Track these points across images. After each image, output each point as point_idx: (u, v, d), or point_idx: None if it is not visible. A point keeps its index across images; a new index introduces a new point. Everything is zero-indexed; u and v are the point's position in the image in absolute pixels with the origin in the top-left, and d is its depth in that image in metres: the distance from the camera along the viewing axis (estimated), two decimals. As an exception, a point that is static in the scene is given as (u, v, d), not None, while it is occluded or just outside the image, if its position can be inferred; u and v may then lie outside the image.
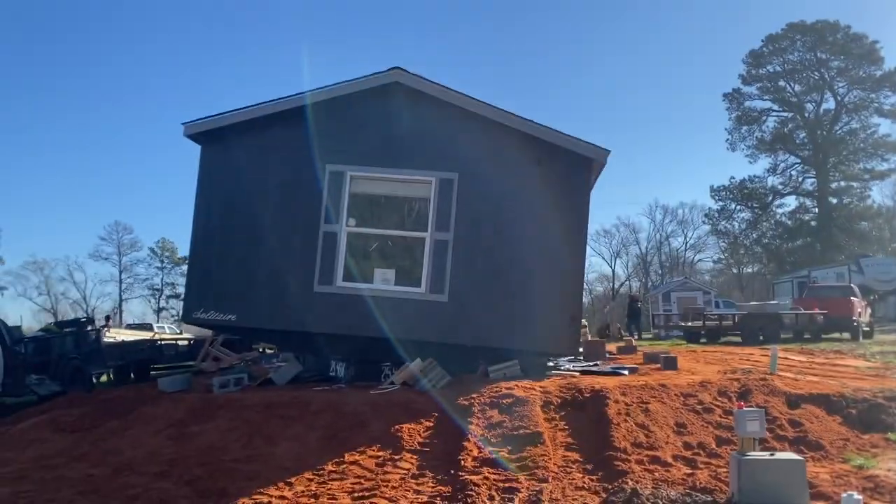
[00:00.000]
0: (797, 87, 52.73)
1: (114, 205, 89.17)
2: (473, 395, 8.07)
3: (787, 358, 12.49)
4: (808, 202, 53.92)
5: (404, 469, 6.53)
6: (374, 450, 6.95)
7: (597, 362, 11.69)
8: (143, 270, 67.15)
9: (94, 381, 13.59)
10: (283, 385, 10.05)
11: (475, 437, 7.05)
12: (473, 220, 10.01)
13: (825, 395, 8.24)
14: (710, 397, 8.04)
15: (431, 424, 7.49)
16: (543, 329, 9.85)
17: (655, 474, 6.16)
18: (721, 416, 7.52)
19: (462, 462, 6.49)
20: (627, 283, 64.47)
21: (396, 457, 6.78)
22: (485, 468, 6.38)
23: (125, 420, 8.43)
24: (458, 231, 9.97)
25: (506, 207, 10.03)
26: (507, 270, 9.94)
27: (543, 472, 6.25)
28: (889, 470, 6.21)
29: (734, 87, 54.00)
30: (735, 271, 63.63)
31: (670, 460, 6.53)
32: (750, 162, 55.47)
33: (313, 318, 9.84)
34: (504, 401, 7.83)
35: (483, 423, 7.38)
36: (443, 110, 10.09)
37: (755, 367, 10.71)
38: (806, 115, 52.98)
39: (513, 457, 6.61)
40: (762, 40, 52.33)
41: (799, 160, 53.39)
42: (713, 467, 6.36)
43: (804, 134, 53.06)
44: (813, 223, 52.28)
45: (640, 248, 65.64)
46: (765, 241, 54.56)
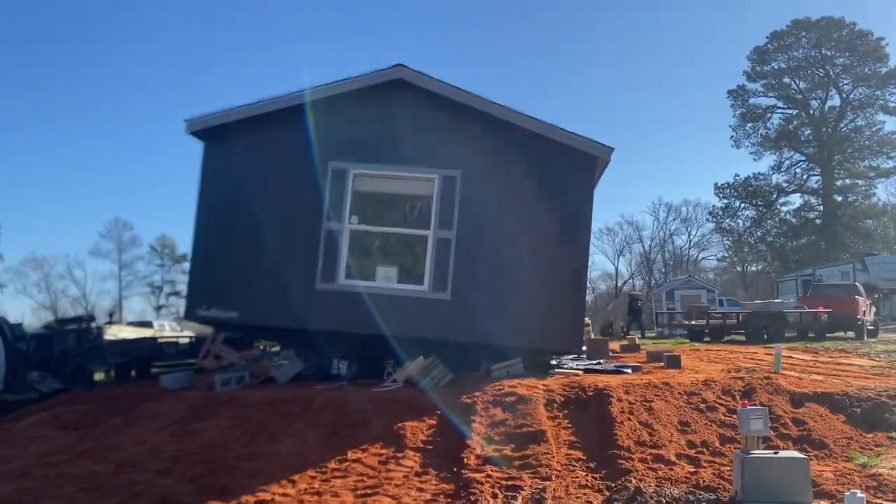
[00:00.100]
0: (802, 84, 52.60)
1: (114, 202, 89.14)
2: (476, 394, 8.04)
3: (791, 357, 12.45)
4: (813, 200, 53.81)
5: (407, 467, 6.51)
6: (377, 447, 6.93)
7: (600, 361, 11.66)
8: (142, 268, 67.15)
9: (94, 378, 13.61)
10: (284, 383, 10.03)
11: (478, 435, 7.03)
12: (476, 217, 9.98)
13: (829, 394, 8.21)
14: (713, 396, 8.01)
15: (434, 422, 7.46)
16: (546, 327, 9.81)
17: (659, 473, 6.14)
18: (725, 414, 7.49)
19: (465, 460, 6.47)
20: (631, 281, 64.40)
21: (399, 454, 6.75)
22: (488, 466, 6.36)
23: (127, 417, 8.42)
24: (460, 229, 9.95)
25: (509, 205, 10.00)
26: (510, 268, 9.92)
27: (546, 471, 6.23)
28: (893, 468, 6.18)
29: (739, 84, 53.98)
30: (739, 269, 63.52)
31: (674, 459, 6.51)
32: (754, 159, 55.38)
33: (315, 316, 9.82)
34: (507, 399, 7.81)
35: (486, 421, 7.35)
36: (446, 107, 10.06)
37: (759, 365, 10.67)
38: (811, 112, 52.86)
39: (516, 455, 6.59)
40: (767, 37, 52.27)
41: (804, 157, 53.26)
42: (717, 466, 6.33)
43: (809, 131, 52.94)
44: (818, 221, 52.18)
45: (643, 246, 65.48)
46: (769, 239, 54.45)
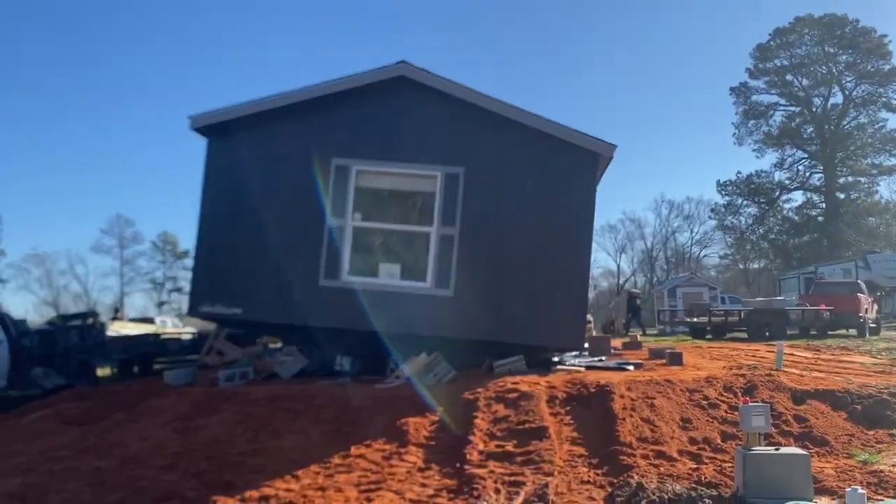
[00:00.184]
0: (805, 82, 52.53)
1: (115, 198, 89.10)
2: (479, 390, 8.06)
3: (792, 354, 12.47)
4: (816, 197, 53.77)
5: (410, 462, 6.54)
6: (380, 443, 6.95)
7: (602, 357, 11.68)
8: (144, 264, 67.07)
9: (97, 374, 13.64)
10: (288, 379, 10.06)
11: (481, 431, 7.06)
12: (479, 214, 10.00)
13: (831, 391, 8.25)
14: (715, 393, 8.04)
15: (437, 418, 7.48)
16: (548, 324, 9.84)
17: (661, 469, 6.18)
18: (726, 411, 7.52)
19: (468, 456, 6.49)
20: (633, 278, 64.39)
21: (402, 450, 6.78)
22: (490, 462, 6.39)
23: (131, 413, 8.44)
24: (463, 226, 9.97)
25: (511, 202, 10.02)
26: (513, 265, 9.94)
27: (549, 466, 6.25)
28: (894, 465, 6.22)
29: (741, 81, 53.92)
30: (741, 267, 63.45)
31: (675, 455, 6.54)
32: (757, 157, 55.40)
33: (318, 312, 9.85)
34: (509, 395, 7.83)
35: (488, 417, 7.38)
36: (449, 105, 10.08)
37: (761, 363, 10.69)
38: (813, 109, 52.78)
39: (518, 451, 6.61)
40: (769, 34, 52.19)
41: (806, 155, 53.20)
42: (718, 462, 6.36)
43: (811, 128, 52.88)
44: (820, 219, 52.14)
45: (645, 244, 65.42)
46: (771, 236, 54.43)
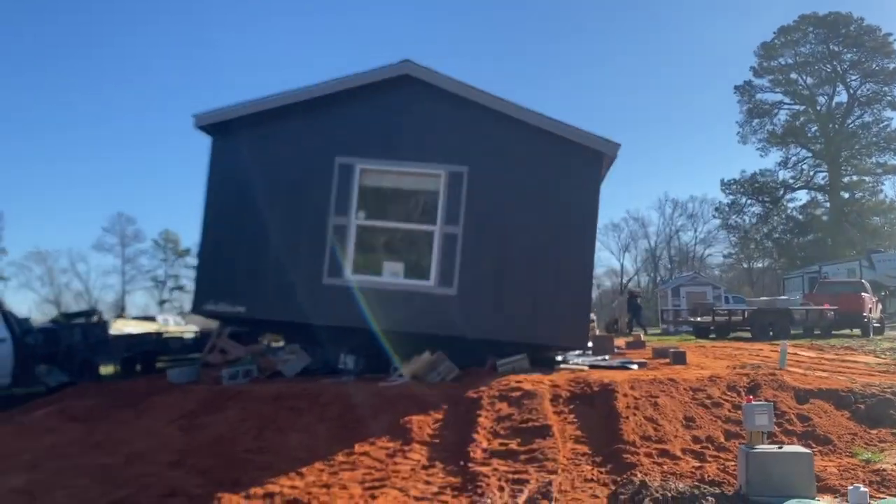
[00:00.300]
0: (809, 80, 52.47)
1: (116, 197, 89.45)
2: (482, 388, 8.08)
3: (796, 354, 12.48)
4: (820, 196, 53.75)
5: (414, 460, 6.55)
6: (384, 441, 6.97)
7: (605, 357, 11.70)
8: (146, 262, 67.34)
9: (100, 372, 13.69)
10: (291, 377, 10.10)
11: (484, 429, 7.08)
12: (482, 213, 10.02)
13: (834, 391, 8.24)
14: (718, 392, 8.05)
15: (441, 416, 7.51)
16: (552, 323, 9.86)
17: (664, 467, 6.18)
18: (730, 410, 7.52)
19: (471, 454, 6.51)
20: (636, 277, 64.39)
21: (406, 448, 6.80)
22: (494, 460, 6.41)
23: (136, 410, 8.48)
24: (467, 224, 9.99)
25: (515, 201, 10.04)
26: (516, 264, 9.97)
27: (553, 465, 6.26)
28: (897, 464, 6.21)
29: (745, 79, 53.87)
30: (745, 266, 63.43)
31: (679, 453, 6.54)
32: (761, 155, 55.39)
33: (322, 311, 9.89)
34: (513, 394, 7.85)
35: (492, 415, 7.40)
36: (453, 103, 10.09)
37: (764, 362, 10.70)
38: (818, 108, 52.72)
39: (522, 449, 6.62)
40: (774, 32, 52.20)
41: (811, 154, 53.14)
42: (721, 461, 6.37)
43: (816, 127, 52.81)
44: (824, 218, 52.08)
45: (649, 243, 65.44)
46: (775, 235, 54.38)
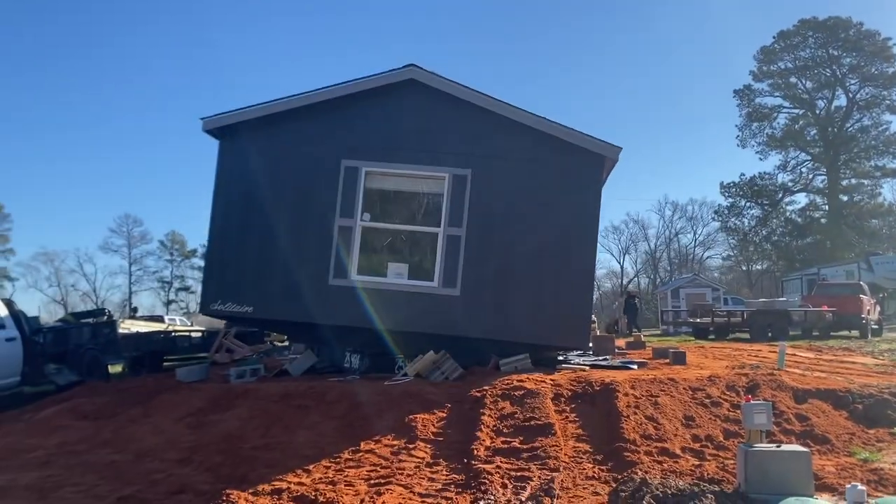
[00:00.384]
0: (808, 84, 52.60)
1: (124, 197, 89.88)
2: (485, 387, 8.20)
3: (795, 354, 12.61)
4: (819, 199, 53.85)
5: (419, 457, 6.66)
6: (389, 439, 7.09)
7: (606, 357, 11.82)
8: (152, 263, 67.83)
9: (109, 371, 13.79)
10: (298, 376, 10.23)
11: (487, 427, 7.20)
12: (486, 215, 10.15)
13: (832, 391, 8.34)
14: (718, 391, 8.15)
15: (444, 415, 7.63)
16: (554, 324, 9.98)
17: (664, 465, 6.29)
18: (729, 409, 7.63)
19: (475, 451, 6.62)
20: (636, 279, 64.50)
21: (411, 446, 6.91)
22: (497, 457, 6.52)
23: (145, 408, 8.60)
24: (470, 226, 10.12)
25: (518, 203, 10.17)
26: (519, 265, 10.09)
27: (555, 462, 6.37)
28: (893, 463, 6.32)
29: (745, 83, 53.99)
30: (744, 268, 63.59)
31: (679, 452, 6.65)
32: (760, 159, 55.47)
33: (328, 311, 10.02)
34: (515, 393, 7.97)
35: (495, 414, 7.52)
36: (456, 107, 10.23)
37: (763, 363, 10.81)
38: (817, 111, 52.83)
39: (525, 447, 6.74)
40: (774, 37, 52.28)
41: (810, 157, 53.26)
42: (721, 459, 6.47)
43: (815, 131, 52.92)
44: (823, 220, 52.19)
45: (649, 245, 65.70)
46: (774, 238, 54.48)
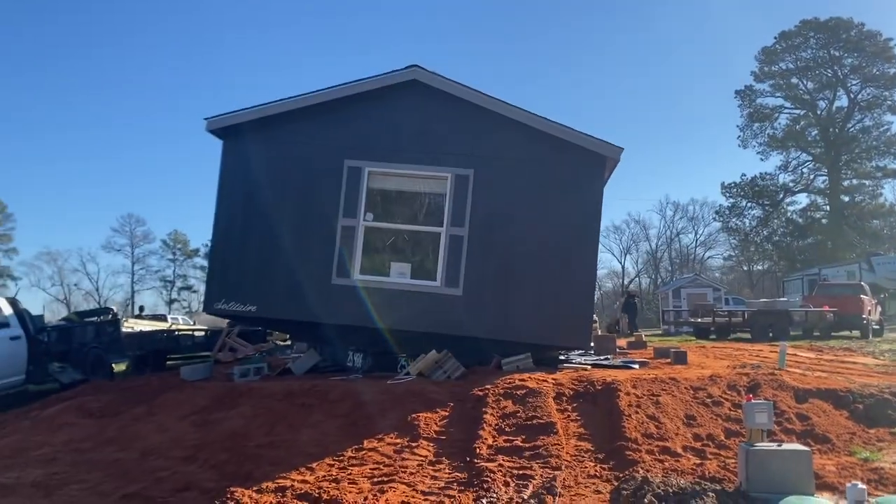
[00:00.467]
0: (810, 85, 52.60)
1: (127, 197, 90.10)
2: (487, 386, 8.23)
3: (796, 355, 12.65)
4: (820, 200, 53.88)
5: (421, 456, 6.69)
6: (392, 437, 7.12)
7: (608, 356, 11.86)
8: (155, 262, 68.05)
9: (113, 370, 13.85)
10: (301, 375, 10.28)
11: (490, 426, 7.23)
12: (488, 215, 10.20)
13: (833, 391, 8.37)
14: (719, 391, 8.19)
15: (447, 414, 7.67)
16: (555, 323, 10.03)
17: (665, 464, 6.31)
18: (730, 409, 7.67)
19: (477, 450, 6.65)
20: (637, 279, 64.53)
21: (414, 444, 6.94)
22: (499, 456, 6.55)
23: (150, 407, 8.64)
24: (472, 226, 10.18)
25: (520, 203, 10.22)
26: (521, 265, 10.14)
27: (556, 461, 6.40)
28: (894, 463, 6.35)
29: (746, 83, 54.00)
30: (745, 268, 63.63)
31: (680, 451, 6.68)
32: (761, 159, 55.50)
33: (331, 310, 10.08)
34: (517, 392, 8.01)
35: (497, 412, 7.56)
36: (459, 107, 10.28)
37: (764, 362, 10.84)
38: (818, 112, 52.83)
39: (526, 445, 6.77)
40: (775, 37, 52.29)
41: (811, 158, 53.27)
42: (722, 458, 6.50)
43: (816, 131, 52.93)
44: (824, 221, 52.20)
45: (650, 245, 65.76)
46: (775, 238, 54.51)
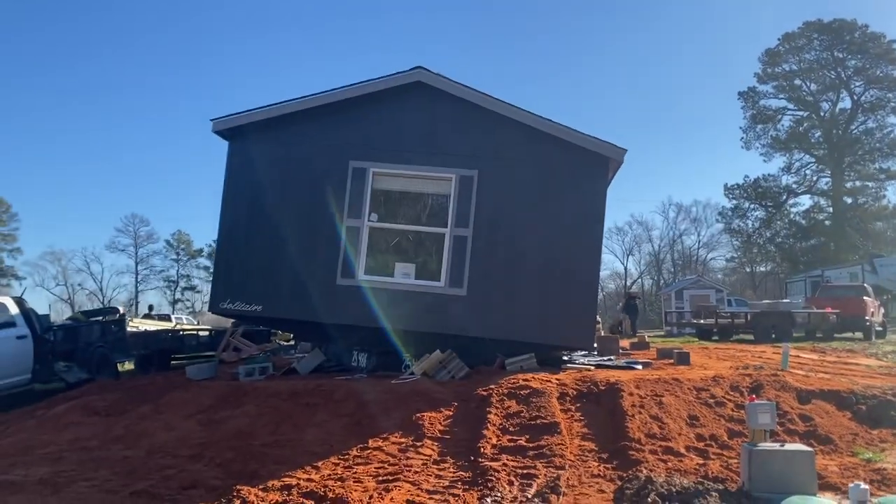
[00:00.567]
0: (813, 86, 52.52)
1: (131, 197, 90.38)
2: (492, 386, 8.28)
3: (798, 356, 12.66)
4: (823, 202, 53.77)
5: (426, 455, 6.74)
6: (397, 436, 7.17)
7: (611, 357, 11.90)
8: (158, 262, 68.22)
9: (119, 369, 13.92)
10: (306, 374, 10.34)
11: (494, 425, 7.28)
12: (492, 216, 10.25)
13: (836, 392, 8.39)
14: (722, 391, 8.21)
15: (451, 413, 7.71)
16: (559, 324, 10.07)
17: (668, 464, 6.35)
18: (733, 409, 7.69)
19: (482, 449, 6.70)
20: (640, 280, 64.50)
21: (418, 443, 6.99)
22: (504, 455, 6.59)
23: (156, 406, 8.68)
24: (476, 227, 10.22)
25: (524, 204, 10.26)
26: (524, 266, 10.19)
27: (560, 461, 6.43)
28: (896, 463, 6.39)
29: (750, 85, 53.96)
30: (748, 270, 63.56)
31: (683, 451, 6.72)
32: (764, 161, 55.44)
33: (335, 310, 10.13)
34: (521, 392, 8.05)
35: (501, 412, 7.60)
36: (463, 109, 10.34)
37: (767, 363, 10.86)
38: (822, 114, 52.77)
39: (530, 445, 6.81)
40: (778, 39, 52.23)
41: (814, 159, 53.19)
42: (725, 458, 6.53)
43: (819, 133, 52.85)
44: (827, 223, 52.12)
45: (652, 246, 65.72)
46: (778, 240, 54.46)
